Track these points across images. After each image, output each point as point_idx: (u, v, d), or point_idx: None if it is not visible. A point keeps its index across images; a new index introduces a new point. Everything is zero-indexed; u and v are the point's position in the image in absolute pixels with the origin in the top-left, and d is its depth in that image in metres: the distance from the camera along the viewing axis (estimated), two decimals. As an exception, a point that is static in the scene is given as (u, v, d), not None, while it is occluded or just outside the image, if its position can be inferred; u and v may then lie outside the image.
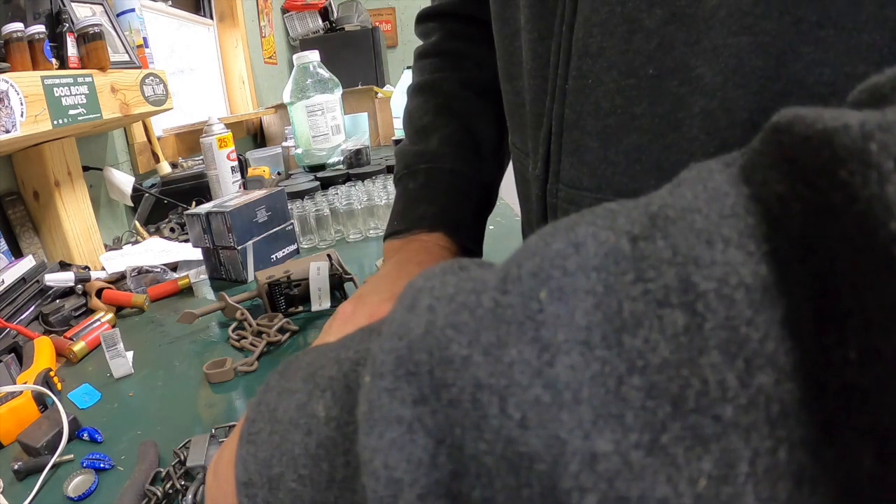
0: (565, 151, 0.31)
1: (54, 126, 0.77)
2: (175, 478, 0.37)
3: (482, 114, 0.49)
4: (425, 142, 0.48)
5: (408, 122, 0.51)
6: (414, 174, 0.47)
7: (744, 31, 0.20)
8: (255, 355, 0.54)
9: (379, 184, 1.06)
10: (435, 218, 0.45)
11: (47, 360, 0.56)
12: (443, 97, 0.49)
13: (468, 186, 0.47)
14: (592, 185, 0.29)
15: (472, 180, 0.47)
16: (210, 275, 0.83)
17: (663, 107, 0.25)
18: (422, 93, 0.51)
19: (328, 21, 3.37)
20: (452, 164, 0.46)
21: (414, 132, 0.50)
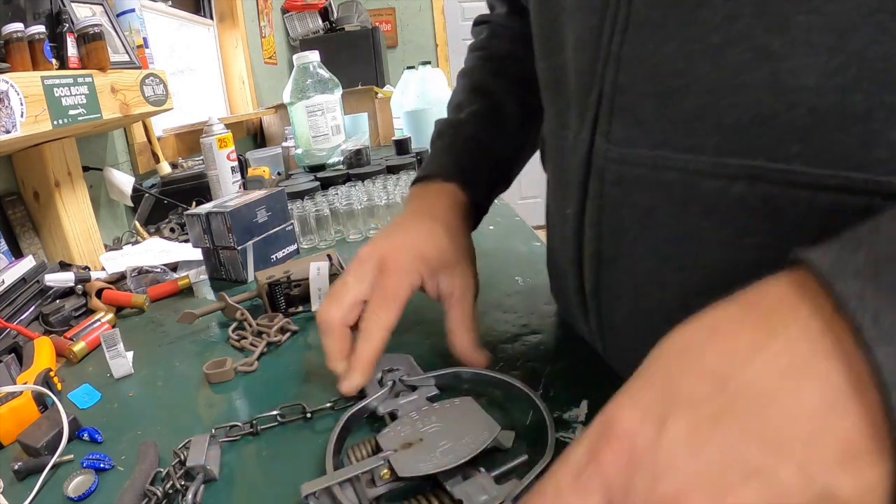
0: (618, 113, 0.32)
1: (54, 126, 0.77)
2: (175, 478, 0.37)
3: (509, 97, 0.55)
4: (456, 114, 0.56)
5: (449, 101, 0.60)
6: (441, 136, 0.56)
7: (813, 11, 0.22)
8: (255, 355, 0.54)
9: (379, 184, 1.06)
10: (450, 169, 0.52)
11: (47, 361, 0.56)
12: (477, 81, 0.58)
13: (484, 152, 0.53)
14: (648, 143, 0.30)
15: (489, 148, 0.54)
16: (210, 275, 0.83)
17: (726, 71, 0.25)
18: (462, 77, 0.60)
19: (328, 21, 3.37)
20: (473, 131, 0.54)
21: (450, 108, 0.59)
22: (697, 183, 0.28)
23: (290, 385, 0.50)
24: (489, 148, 0.54)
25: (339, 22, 3.34)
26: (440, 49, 4.10)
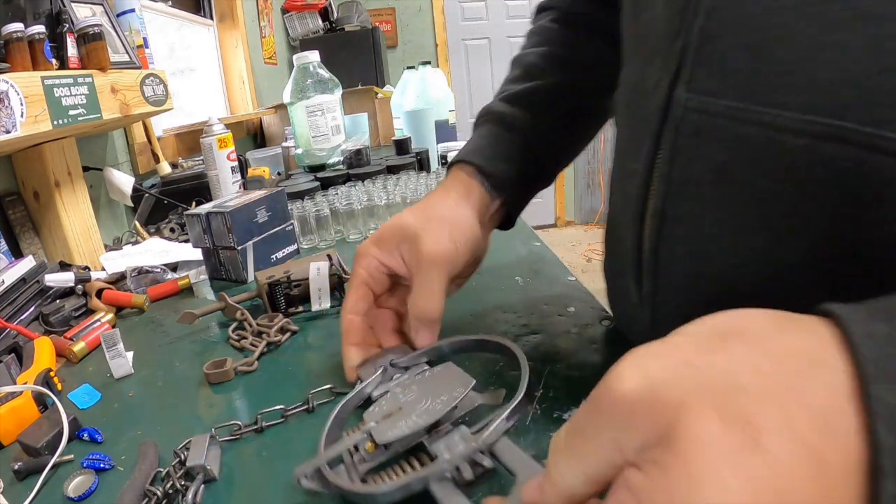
0: (703, 62, 0.31)
1: (54, 126, 0.77)
2: (175, 478, 0.37)
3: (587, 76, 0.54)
4: (504, 92, 0.55)
5: (519, 58, 0.58)
6: (477, 119, 0.56)
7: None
8: (255, 355, 0.54)
9: (379, 184, 1.06)
10: (468, 153, 0.51)
11: (47, 361, 0.56)
12: (557, 53, 0.55)
13: (510, 136, 0.52)
14: (732, 94, 0.29)
15: (518, 131, 0.52)
16: (210, 275, 0.83)
17: (824, 28, 0.25)
18: (536, 36, 0.58)
19: (328, 21, 3.37)
20: (501, 114, 0.53)
21: (519, 67, 0.57)
22: (781, 139, 0.27)
23: (290, 385, 0.50)
24: (518, 131, 0.52)
25: (339, 22, 3.34)
26: (440, 49, 4.10)
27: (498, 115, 0.53)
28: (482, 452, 0.29)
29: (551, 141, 0.53)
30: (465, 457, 0.29)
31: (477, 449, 0.29)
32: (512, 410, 0.30)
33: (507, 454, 0.29)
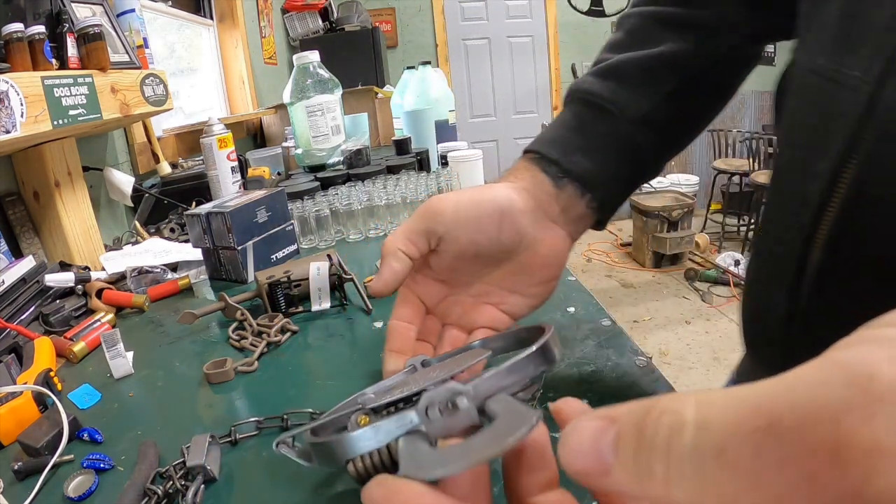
0: None
1: (54, 126, 0.77)
2: (176, 477, 0.37)
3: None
4: (597, 66, 0.46)
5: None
6: (565, 97, 0.47)
7: None
8: (255, 355, 0.54)
9: (379, 184, 1.06)
10: (542, 143, 0.44)
11: (47, 361, 0.56)
12: (630, 32, 0.46)
13: (600, 121, 0.43)
14: None
15: (612, 115, 0.43)
16: (210, 275, 0.83)
17: None
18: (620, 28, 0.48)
19: (328, 21, 3.38)
20: (589, 93, 0.44)
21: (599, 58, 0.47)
22: None
23: (289, 385, 0.50)
24: (608, 114, 0.43)
25: (339, 22, 3.34)
26: (440, 49, 4.10)
27: (585, 94, 0.44)
28: (465, 401, 0.22)
29: (657, 125, 0.43)
30: (444, 400, 0.22)
31: (460, 391, 0.22)
32: (516, 363, 0.24)
33: (504, 413, 0.21)
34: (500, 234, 0.39)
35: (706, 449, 0.12)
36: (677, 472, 0.12)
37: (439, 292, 0.42)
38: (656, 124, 0.43)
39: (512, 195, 0.40)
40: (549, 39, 4.16)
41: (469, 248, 0.39)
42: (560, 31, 4.14)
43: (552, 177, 0.42)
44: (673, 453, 0.13)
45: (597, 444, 0.15)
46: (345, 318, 0.62)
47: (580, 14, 4.10)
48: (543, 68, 4.23)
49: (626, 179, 0.44)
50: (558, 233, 0.42)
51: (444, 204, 0.39)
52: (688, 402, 0.13)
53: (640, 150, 0.43)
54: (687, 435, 0.12)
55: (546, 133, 0.45)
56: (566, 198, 0.41)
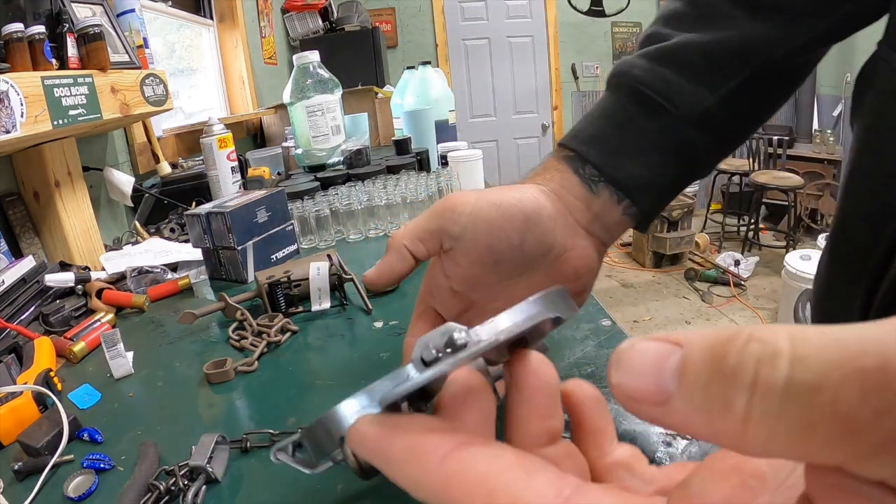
0: None
1: (54, 126, 0.77)
2: (178, 475, 0.37)
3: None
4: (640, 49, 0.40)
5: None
6: (609, 79, 0.41)
7: None
8: (255, 355, 0.54)
9: (379, 184, 1.06)
10: (581, 139, 0.39)
11: (47, 361, 0.56)
12: (697, 5, 0.39)
13: (651, 118, 0.38)
14: None
15: (665, 112, 0.37)
16: (210, 275, 0.83)
17: None
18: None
19: (328, 21, 3.37)
20: (640, 82, 0.38)
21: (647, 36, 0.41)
22: None
23: (290, 385, 0.50)
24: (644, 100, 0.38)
25: (339, 22, 3.34)
26: (440, 49, 4.10)
27: (636, 83, 0.38)
28: (464, 334, 0.18)
29: (716, 123, 0.38)
30: (440, 341, 0.19)
31: (455, 327, 0.19)
32: (520, 305, 0.20)
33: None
34: (523, 241, 0.35)
35: (802, 385, 0.10)
36: (762, 407, 0.11)
37: (458, 305, 0.37)
38: (716, 122, 0.38)
39: (540, 199, 0.36)
40: (549, 39, 4.16)
41: (487, 255, 0.35)
42: (560, 31, 4.14)
43: (586, 180, 0.37)
44: (760, 384, 0.11)
45: (657, 367, 0.13)
46: (345, 318, 0.62)
47: (580, 14, 4.10)
48: (543, 68, 4.23)
49: (675, 184, 0.39)
50: (589, 242, 0.37)
51: (462, 202, 0.35)
52: (780, 334, 0.11)
53: (693, 151, 0.38)
54: (781, 367, 0.11)
55: (585, 127, 0.39)
56: (601, 204, 0.37)
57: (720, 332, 0.12)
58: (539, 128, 4.34)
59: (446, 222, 0.35)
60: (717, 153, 0.40)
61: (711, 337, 0.12)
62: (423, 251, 0.36)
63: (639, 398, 0.13)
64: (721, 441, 0.12)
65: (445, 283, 0.36)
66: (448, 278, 0.36)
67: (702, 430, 0.12)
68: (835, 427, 0.10)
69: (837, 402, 0.10)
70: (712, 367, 0.12)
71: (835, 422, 0.10)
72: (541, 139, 4.37)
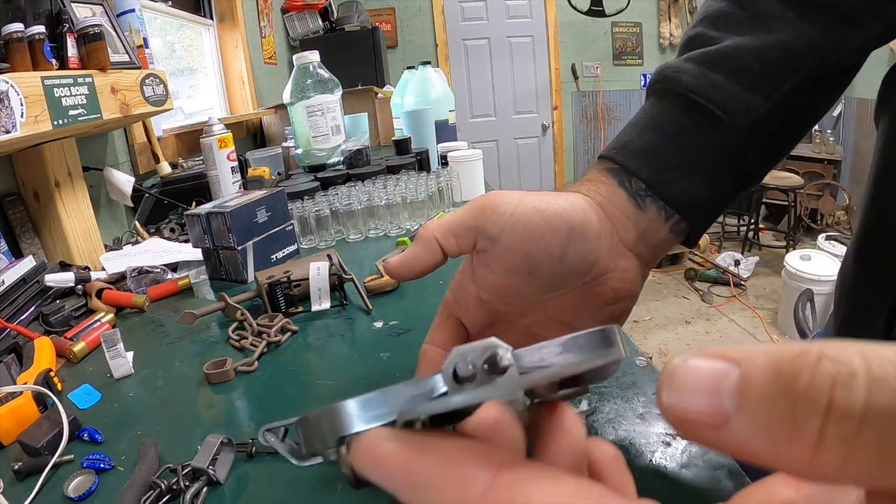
0: None
1: (54, 126, 0.77)
2: (180, 475, 0.37)
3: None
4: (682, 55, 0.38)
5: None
6: (652, 84, 0.38)
7: None
8: (255, 355, 0.54)
9: (379, 184, 1.06)
10: (627, 153, 0.36)
11: (47, 361, 0.56)
12: (746, 6, 0.37)
13: (703, 129, 0.35)
14: None
15: (719, 122, 0.35)
16: (210, 275, 0.83)
17: None
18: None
19: (328, 21, 3.37)
20: (691, 88, 0.35)
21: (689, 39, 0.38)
22: None
23: (289, 385, 0.50)
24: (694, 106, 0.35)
25: (339, 22, 3.34)
26: (440, 49, 4.10)
27: (685, 90, 0.35)
28: (509, 356, 0.16)
29: (769, 130, 0.35)
30: (479, 356, 0.16)
31: (500, 345, 0.17)
32: (573, 339, 0.18)
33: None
34: (564, 254, 0.32)
35: (881, 408, 0.10)
36: (837, 432, 0.10)
37: (485, 317, 0.34)
38: (769, 129, 0.35)
39: (588, 211, 0.33)
40: (549, 39, 4.16)
41: (523, 263, 0.32)
42: (560, 31, 4.14)
43: (633, 194, 0.34)
44: (836, 409, 0.10)
45: (714, 386, 0.12)
46: (345, 318, 0.62)
47: (580, 14, 4.10)
48: (543, 68, 4.23)
49: (726, 196, 0.36)
50: (633, 263, 0.35)
51: (505, 201, 0.32)
52: (853, 352, 0.10)
53: (746, 162, 0.36)
54: (858, 388, 0.10)
55: (631, 139, 0.36)
56: (647, 221, 0.34)
57: (783, 349, 0.11)
58: (539, 128, 4.34)
59: (485, 220, 0.32)
60: (768, 163, 0.38)
61: (774, 354, 0.11)
62: (455, 247, 0.33)
63: (694, 420, 0.12)
64: (785, 466, 0.11)
65: (474, 290, 0.34)
66: (477, 285, 0.34)
67: (765, 454, 0.11)
68: None
69: None
70: (779, 387, 0.11)
71: None
72: (541, 139, 4.37)
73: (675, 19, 4.14)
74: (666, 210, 0.34)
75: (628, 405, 0.40)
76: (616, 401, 0.40)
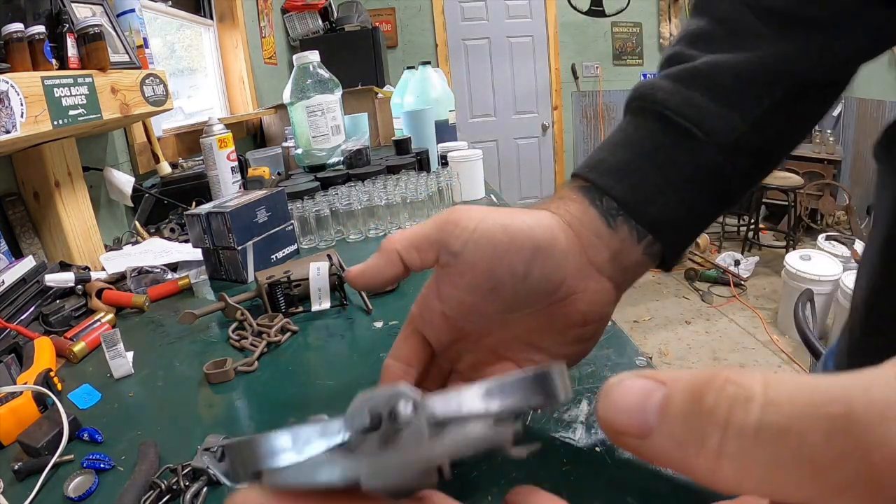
0: None
1: (54, 126, 0.77)
2: (181, 475, 0.37)
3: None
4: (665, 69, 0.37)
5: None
6: (629, 102, 0.37)
7: None
8: (255, 355, 0.54)
9: (379, 184, 1.06)
10: (600, 171, 0.35)
11: (47, 361, 0.56)
12: (724, 23, 0.35)
13: (680, 148, 0.34)
14: None
15: (696, 141, 0.33)
16: (210, 275, 0.83)
17: None
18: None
19: (328, 21, 3.37)
20: (665, 105, 0.34)
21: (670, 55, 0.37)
22: None
23: (289, 385, 0.50)
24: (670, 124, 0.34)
25: (339, 22, 3.34)
26: (440, 49, 4.10)
27: (662, 108, 0.34)
28: (409, 408, 0.16)
29: (750, 149, 0.34)
30: (383, 405, 0.16)
31: (404, 394, 0.16)
32: (499, 384, 0.17)
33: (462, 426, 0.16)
34: (527, 274, 0.31)
35: (772, 426, 0.11)
36: (734, 445, 0.12)
37: (449, 334, 0.34)
38: (749, 147, 0.34)
39: (555, 230, 0.32)
40: (549, 39, 4.16)
41: (485, 279, 0.31)
42: (560, 31, 4.14)
43: (604, 213, 0.33)
44: (733, 424, 0.12)
45: (642, 403, 0.14)
46: (345, 318, 0.62)
47: (580, 14, 4.10)
48: (543, 68, 4.23)
49: (703, 217, 0.35)
50: (603, 285, 0.33)
51: (467, 217, 0.32)
52: (755, 379, 0.12)
53: (725, 181, 0.34)
54: (753, 409, 0.12)
55: (604, 157, 0.35)
56: (619, 241, 0.33)
57: (702, 373, 0.13)
58: (539, 128, 4.34)
59: (447, 234, 0.32)
60: (750, 181, 0.36)
61: (693, 377, 0.13)
62: (417, 261, 0.33)
63: (622, 431, 0.14)
64: (696, 475, 0.13)
65: (438, 306, 0.33)
66: (441, 301, 0.33)
67: (679, 463, 0.13)
68: (801, 467, 0.11)
69: (804, 445, 0.11)
70: (691, 406, 0.13)
71: (801, 463, 0.11)
72: (541, 139, 4.37)
73: (675, 19, 4.14)
74: (638, 230, 0.33)
75: (628, 405, 0.39)
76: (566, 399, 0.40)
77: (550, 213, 0.33)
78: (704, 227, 0.36)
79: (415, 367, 0.34)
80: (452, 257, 0.32)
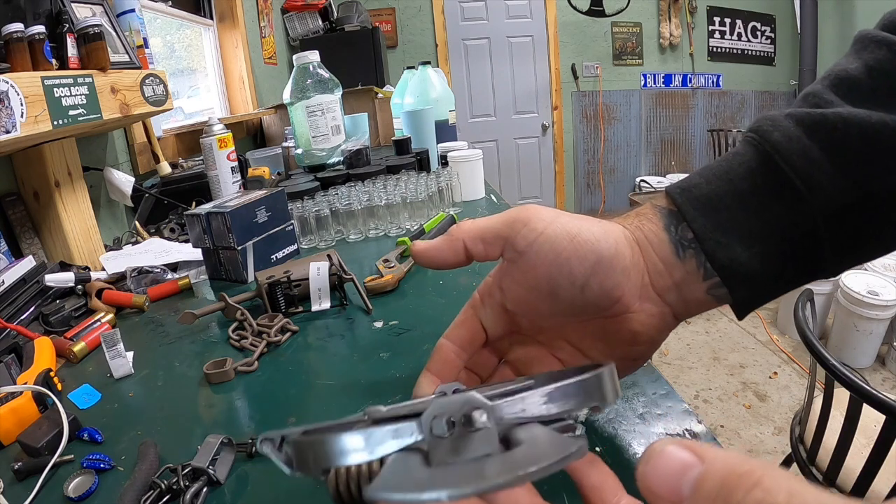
0: None
1: (54, 126, 0.77)
2: (181, 475, 0.37)
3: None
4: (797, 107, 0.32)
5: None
6: (745, 136, 0.33)
7: None
8: (255, 355, 0.54)
9: (379, 184, 1.06)
10: (684, 190, 0.33)
11: (47, 361, 0.56)
12: (876, 75, 0.31)
13: (783, 199, 0.30)
14: None
15: (803, 196, 0.30)
16: (210, 275, 0.83)
17: None
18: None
19: (328, 21, 3.37)
20: (779, 152, 0.30)
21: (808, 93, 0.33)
22: None
23: (289, 385, 0.50)
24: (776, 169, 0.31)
25: (339, 22, 3.34)
26: (440, 49, 4.10)
27: (773, 150, 0.30)
28: (484, 416, 0.18)
29: (856, 221, 0.30)
30: (457, 411, 0.18)
31: (479, 404, 0.18)
32: (557, 389, 0.19)
33: (533, 438, 0.18)
34: (585, 285, 0.31)
35: None
36: None
37: (505, 325, 0.35)
38: (855, 221, 0.30)
39: (621, 246, 0.31)
40: (549, 39, 4.16)
41: (545, 283, 0.31)
42: (560, 31, 4.14)
43: (675, 242, 0.32)
44: None
45: (679, 474, 0.16)
46: (345, 318, 0.62)
47: (580, 14, 4.10)
48: (543, 68, 4.23)
49: (783, 279, 0.32)
50: (661, 309, 0.32)
51: (537, 218, 0.32)
52: (781, 488, 0.14)
53: (817, 249, 0.31)
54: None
55: (699, 183, 0.32)
56: (683, 273, 0.32)
57: (739, 462, 0.15)
58: (539, 128, 4.34)
59: (515, 233, 0.32)
60: (846, 259, 0.31)
61: (730, 465, 0.15)
62: (482, 252, 0.33)
63: (657, 493, 0.16)
64: None
65: (500, 297, 0.34)
66: (503, 293, 0.34)
67: None
68: None
69: None
70: (720, 492, 0.14)
71: None
72: (541, 139, 4.37)
73: (675, 19, 4.14)
74: (706, 268, 0.31)
75: (628, 405, 0.40)
76: (616, 400, 0.40)
77: (623, 227, 0.33)
78: (782, 290, 0.32)
79: (467, 351, 0.35)
80: (517, 255, 0.32)
